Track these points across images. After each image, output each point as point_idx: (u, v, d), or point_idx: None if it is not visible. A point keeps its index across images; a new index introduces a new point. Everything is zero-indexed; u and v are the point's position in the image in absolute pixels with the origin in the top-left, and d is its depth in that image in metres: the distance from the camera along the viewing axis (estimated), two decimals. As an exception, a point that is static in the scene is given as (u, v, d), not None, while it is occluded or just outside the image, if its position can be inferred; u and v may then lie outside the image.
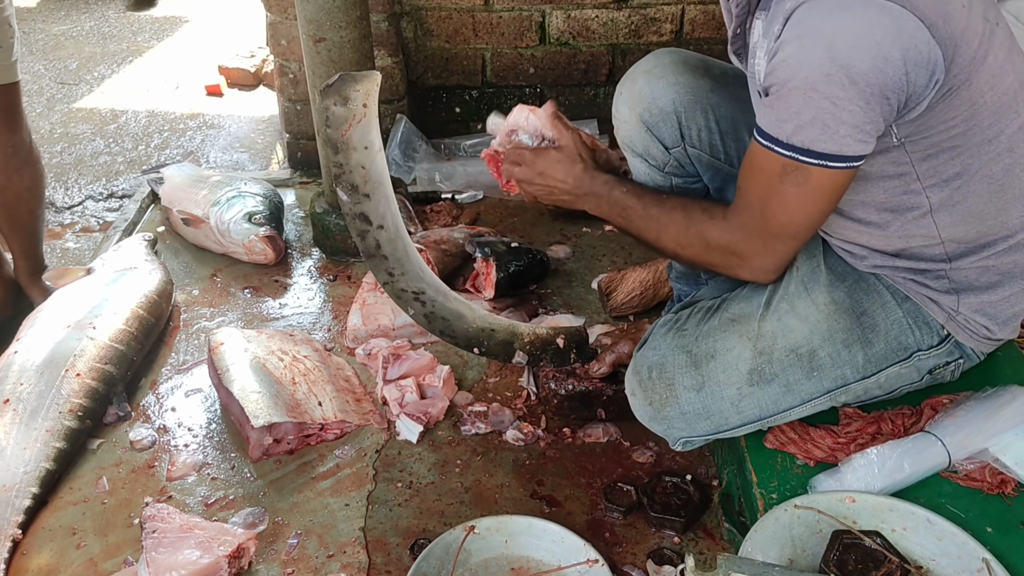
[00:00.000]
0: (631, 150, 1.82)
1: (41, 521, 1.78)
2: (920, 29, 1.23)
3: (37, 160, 2.36)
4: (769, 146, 1.34)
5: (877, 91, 1.24)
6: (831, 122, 1.26)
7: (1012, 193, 1.44)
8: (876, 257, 1.55)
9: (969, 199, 1.43)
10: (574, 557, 1.60)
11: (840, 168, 1.32)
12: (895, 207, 1.46)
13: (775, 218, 1.43)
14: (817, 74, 1.24)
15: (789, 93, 1.28)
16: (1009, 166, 1.41)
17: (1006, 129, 1.38)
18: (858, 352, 1.57)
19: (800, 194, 1.36)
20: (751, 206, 1.46)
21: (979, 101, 1.33)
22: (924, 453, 1.51)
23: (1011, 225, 1.47)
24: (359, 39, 2.35)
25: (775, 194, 1.39)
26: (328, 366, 2.13)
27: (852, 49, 1.22)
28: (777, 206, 1.41)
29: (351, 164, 1.76)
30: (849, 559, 1.34)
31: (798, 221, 1.43)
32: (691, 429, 1.66)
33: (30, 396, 1.92)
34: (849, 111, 1.25)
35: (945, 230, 1.46)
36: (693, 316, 1.69)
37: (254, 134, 3.68)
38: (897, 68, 1.23)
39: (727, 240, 1.51)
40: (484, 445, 1.95)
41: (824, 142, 1.29)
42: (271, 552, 1.70)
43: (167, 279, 2.39)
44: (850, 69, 1.22)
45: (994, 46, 1.33)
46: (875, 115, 1.26)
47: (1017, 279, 1.53)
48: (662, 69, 1.75)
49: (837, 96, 1.24)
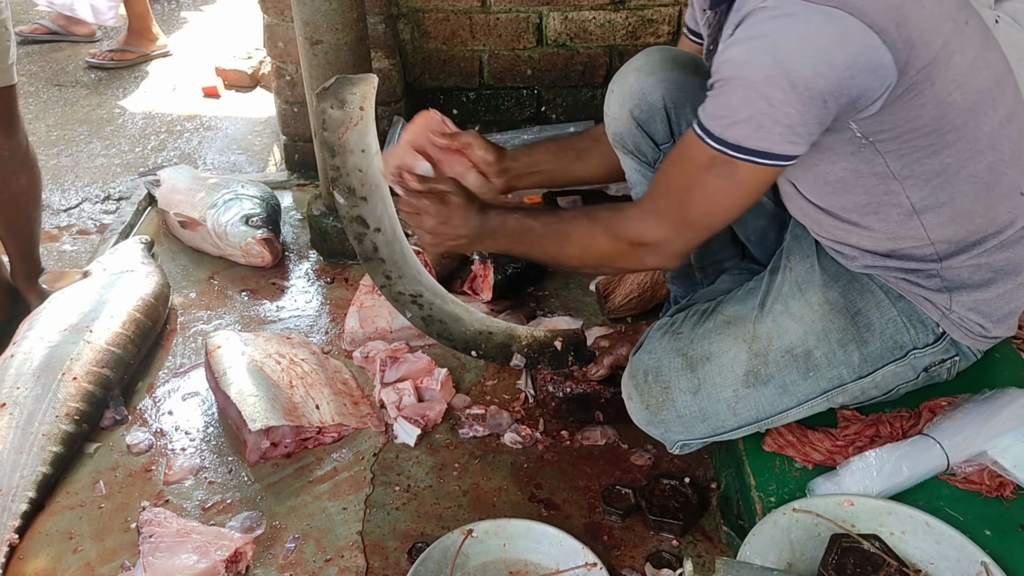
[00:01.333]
0: (622, 147, 1.82)
1: (38, 526, 1.77)
2: (868, 35, 1.25)
3: (34, 163, 2.36)
4: (702, 136, 1.37)
5: (816, 95, 1.26)
6: (765, 121, 1.29)
7: (999, 191, 1.44)
8: (867, 257, 1.55)
9: (956, 199, 1.43)
10: (572, 560, 1.60)
11: (766, 165, 1.34)
12: (877, 208, 1.47)
13: (693, 206, 1.45)
14: (759, 75, 1.27)
15: (731, 90, 1.32)
16: (993, 163, 1.42)
17: (983, 126, 1.39)
18: (854, 352, 1.57)
19: (722, 186, 1.39)
20: (670, 192, 1.48)
21: (947, 100, 1.34)
22: (923, 456, 1.50)
23: (1000, 222, 1.47)
24: (356, 41, 2.34)
25: (698, 184, 1.41)
26: (325, 369, 2.13)
27: (795, 54, 1.25)
28: (699, 195, 1.43)
29: (348, 167, 1.75)
30: (848, 563, 1.34)
31: (715, 212, 1.45)
32: (688, 432, 1.65)
33: (27, 400, 1.92)
34: (784, 112, 1.28)
35: (933, 231, 1.47)
36: (688, 319, 1.69)
37: (251, 136, 3.68)
38: (840, 73, 1.26)
39: (637, 228, 1.52)
40: (482, 448, 1.95)
41: (755, 139, 1.31)
42: (268, 556, 1.70)
43: (164, 282, 2.39)
44: (791, 73, 1.25)
45: (963, 45, 1.34)
46: (809, 118, 1.29)
47: (1011, 276, 1.53)
48: (652, 66, 1.76)
49: (775, 98, 1.27)
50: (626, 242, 1.54)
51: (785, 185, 1.61)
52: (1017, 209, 1.48)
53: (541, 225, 1.64)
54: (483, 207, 1.70)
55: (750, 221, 1.86)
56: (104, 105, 3.89)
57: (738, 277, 1.86)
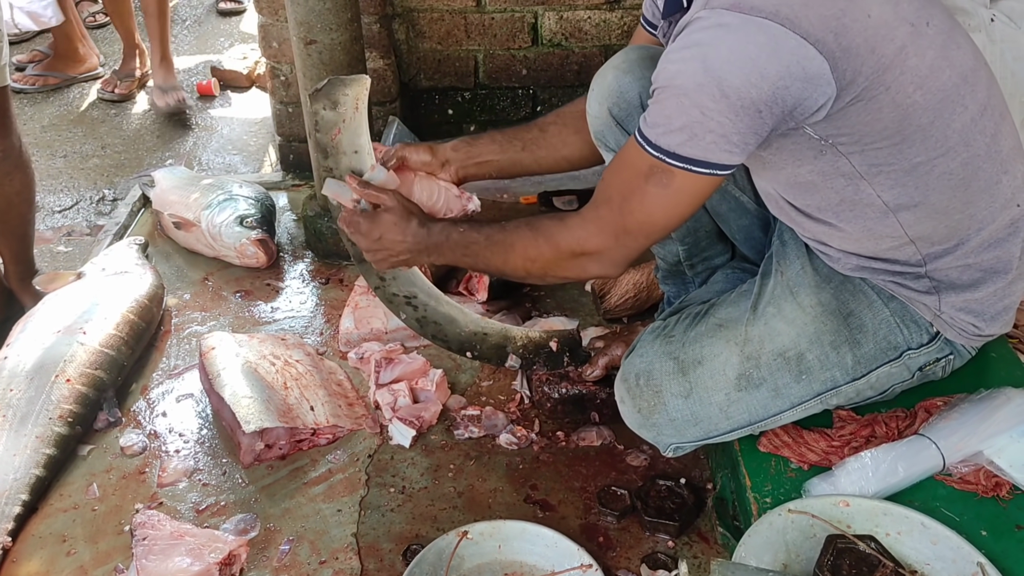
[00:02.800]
0: (603, 144, 1.82)
1: (31, 528, 1.77)
2: (802, 46, 1.25)
3: (27, 164, 2.35)
4: (641, 143, 1.37)
5: (748, 104, 1.27)
6: (698, 130, 1.30)
7: (976, 186, 1.44)
8: (852, 259, 1.55)
9: (931, 197, 1.43)
10: (568, 562, 1.60)
11: (703, 174, 1.34)
12: (851, 207, 1.46)
13: (632, 216, 1.45)
14: (691, 83, 1.28)
15: (666, 98, 1.33)
16: (967, 160, 1.41)
17: (952, 123, 1.38)
18: (847, 354, 1.56)
19: (661, 195, 1.39)
20: (610, 200, 1.48)
21: (906, 102, 1.34)
22: (918, 456, 1.50)
23: (980, 217, 1.47)
24: (350, 41, 2.34)
25: (637, 192, 1.41)
26: (320, 370, 2.12)
27: (726, 63, 1.26)
28: (637, 203, 1.43)
29: (341, 168, 1.75)
30: (843, 564, 1.34)
31: (654, 221, 1.45)
32: (680, 435, 1.65)
33: (20, 402, 1.91)
34: (717, 121, 1.28)
35: (911, 228, 1.46)
36: (681, 322, 1.69)
37: (247, 136, 3.67)
38: (773, 84, 1.26)
39: (578, 237, 1.52)
40: (477, 449, 1.94)
41: (689, 147, 1.32)
42: (263, 559, 1.69)
43: (158, 283, 2.38)
44: (722, 82, 1.26)
45: (921, 47, 1.34)
46: (743, 127, 1.29)
47: (1000, 274, 1.52)
48: (630, 64, 1.76)
49: (707, 106, 1.27)
50: (568, 251, 1.55)
51: (763, 187, 1.61)
52: (997, 203, 1.47)
53: (484, 237, 1.65)
54: (423, 221, 1.71)
55: (733, 220, 1.86)
56: (98, 106, 3.88)
57: (732, 276, 1.86)
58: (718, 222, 1.88)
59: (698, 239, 1.90)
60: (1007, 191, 1.47)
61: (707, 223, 1.89)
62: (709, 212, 1.87)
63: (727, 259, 1.93)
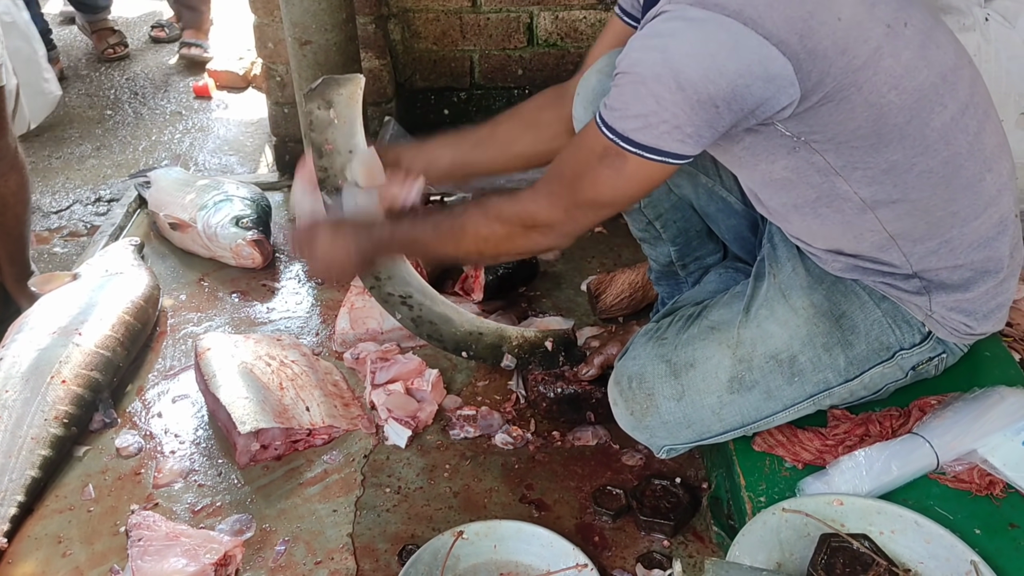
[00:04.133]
0: None
1: (27, 529, 1.76)
2: (764, 46, 1.26)
3: (23, 165, 2.35)
4: (599, 125, 1.38)
5: (705, 99, 1.27)
6: (653, 119, 1.31)
7: (958, 183, 1.43)
8: (840, 259, 1.55)
9: (910, 194, 1.42)
10: (563, 562, 1.60)
11: (655, 161, 1.35)
12: (829, 202, 1.46)
13: (582, 192, 1.47)
14: (649, 72, 1.30)
15: (625, 84, 1.34)
16: (949, 158, 1.41)
17: (931, 123, 1.38)
18: (839, 355, 1.57)
19: (612, 176, 1.41)
20: (562, 175, 1.50)
21: (880, 102, 1.34)
22: (912, 455, 1.50)
23: (963, 215, 1.46)
24: (345, 42, 2.34)
25: (590, 171, 1.43)
26: (316, 371, 2.12)
27: (685, 56, 1.27)
28: (588, 182, 1.45)
29: (335, 168, 1.75)
30: (837, 562, 1.34)
31: (603, 200, 1.47)
32: (673, 438, 1.65)
33: (15, 403, 1.91)
34: (671, 112, 1.29)
35: (890, 224, 1.46)
36: (673, 324, 1.69)
37: (243, 137, 3.67)
38: (731, 81, 1.26)
39: (529, 210, 1.54)
40: (473, 449, 1.94)
41: (643, 134, 1.33)
42: (258, 559, 1.69)
43: (154, 284, 2.38)
44: (679, 74, 1.27)
45: (897, 47, 1.33)
46: (698, 121, 1.30)
47: (991, 274, 1.52)
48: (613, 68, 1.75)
49: (663, 96, 1.28)
50: (519, 224, 1.56)
51: (747, 186, 1.61)
52: (981, 201, 1.46)
53: (432, 227, 1.66)
54: (357, 227, 1.72)
55: (721, 221, 1.86)
56: (95, 107, 3.88)
57: (725, 276, 1.86)
58: (708, 222, 1.88)
59: (689, 239, 1.90)
60: (992, 188, 1.47)
61: (697, 223, 1.89)
62: (699, 213, 1.86)
63: (719, 258, 1.94)
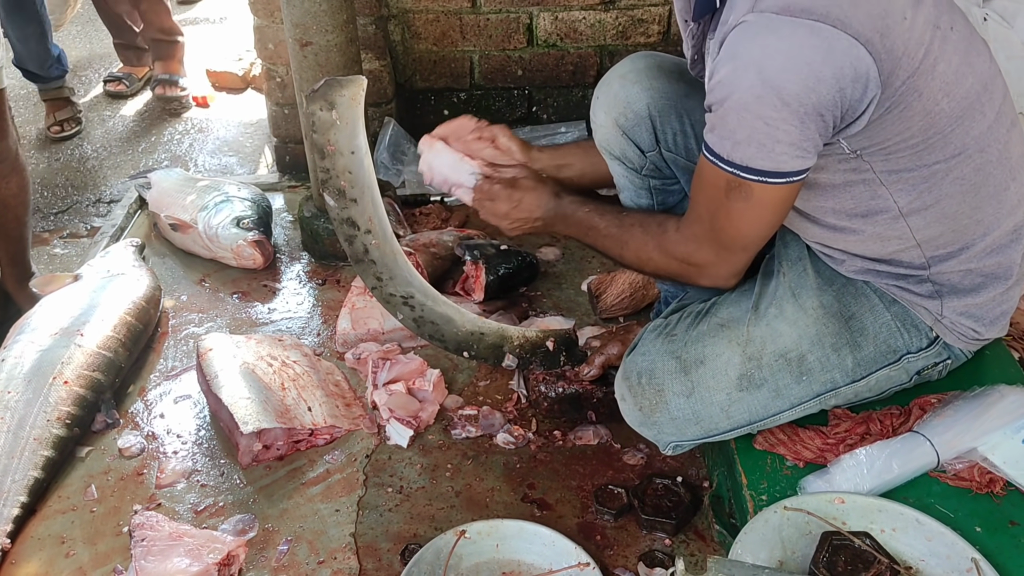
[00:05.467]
0: (609, 153, 1.82)
1: (30, 530, 1.77)
2: (854, 46, 1.24)
3: (23, 167, 2.36)
4: (714, 161, 1.37)
5: (811, 110, 1.26)
6: (766, 141, 1.29)
7: (986, 191, 1.44)
8: (856, 261, 1.55)
9: (942, 201, 1.43)
10: (565, 560, 1.60)
11: (780, 183, 1.34)
12: (865, 212, 1.47)
13: (724, 231, 1.46)
14: (749, 95, 1.27)
15: (726, 112, 1.31)
16: (981, 165, 1.42)
17: (971, 131, 1.38)
18: (847, 356, 1.57)
19: (745, 209, 1.39)
20: (701, 218, 1.49)
21: (934, 110, 1.34)
22: (913, 453, 1.51)
23: (986, 223, 1.47)
24: (346, 43, 2.34)
25: (722, 208, 1.42)
26: (317, 371, 2.13)
27: (782, 71, 1.25)
28: (724, 219, 1.43)
29: (337, 169, 1.75)
30: (839, 560, 1.34)
31: (746, 234, 1.46)
32: (681, 434, 1.66)
33: (18, 404, 1.91)
34: (784, 130, 1.27)
35: (919, 232, 1.47)
36: (683, 321, 1.69)
37: (243, 138, 3.67)
38: (830, 86, 1.25)
39: (682, 251, 1.55)
40: (474, 449, 1.95)
41: (761, 160, 1.31)
42: (261, 559, 1.70)
43: (155, 285, 2.38)
44: (781, 90, 1.25)
45: (947, 52, 1.33)
46: (810, 132, 1.29)
47: (1001, 280, 1.53)
48: (636, 74, 1.76)
49: (770, 116, 1.27)
50: (676, 260, 1.57)
51: None
52: (1004, 209, 1.48)
53: (604, 226, 1.67)
54: (556, 191, 1.74)
55: None
56: (94, 108, 3.88)
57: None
58: None
59: None
60: (1014, 197, 1.48)
61: None
62: None
63: None
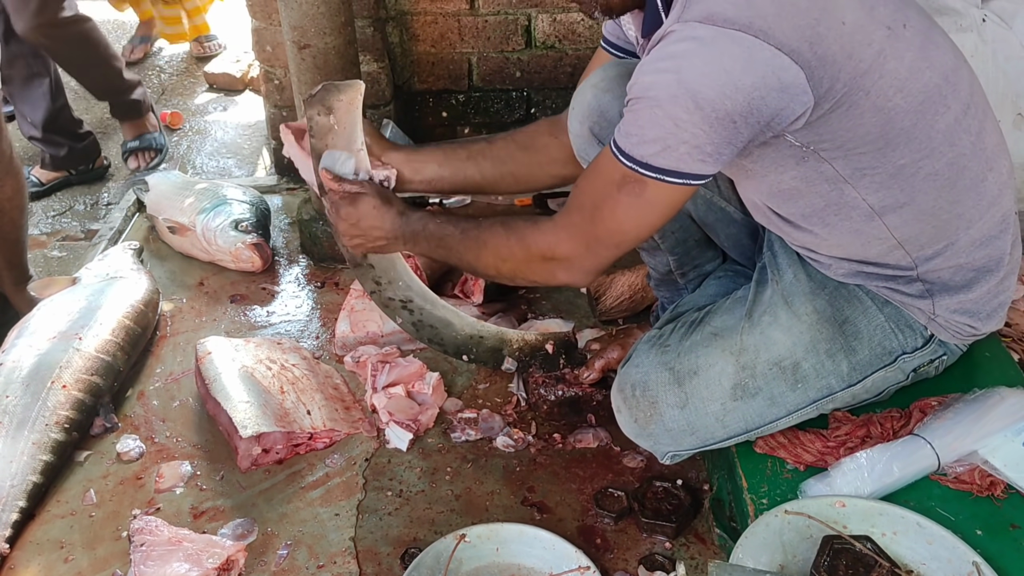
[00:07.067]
0: (586, 162, 1.82)
1: (28, 535, 1.76)
2: (777, 56, 1.25)
3: (19, 170, 2.35)
4: (615, 153, 1.37)
5: (723, 116, 1.27)
6: (671, 141, 1.30)
7: (962, 185, 1.44)
8: (844, 265, 1.55)
9: (917, 198, 1.43)
10: (565, 564, 1.60)
11: (676, 184, 1.34)
12: (836, 212, 1.46)
13: (603, 223, 1.45)
14: (665, 94, 1.28)
15: (640, 109, 1.33)
16: (953, 159, 1.41)
17: (936, 124, 1.38)
18: (842, 361, 1.57)
19: (633, 204, 1.39)
20: (582, 207, 1.48)
21: (887, 106, 1.34)
22: (913, 456, 1.51)
23: (968, 217, 1.47)
24: (344, 45, 2.34)
25: (608, 200, 1.42)
26: (317, 374, 2.12)
27: (700, 76, 1.26)
28: (608, 212, 1.43)
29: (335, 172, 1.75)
30: (840, 564, 1.34)
31: (625, 230, 1.45)
32: (677, 444, 1.66)
33: (16, 408, 1.91)
34: (691, 132, 1.28)
35: (897, 230, 1.46)
36: (676, 331, 1.69)
37: (240, 140, 3.67)
38: (748, 95, 1.26)
39: (549, 242, 1.53)
40: (474, 452, 1.94)
41: (662, 157, 1.32)
42: (261, 563, 1.70)
43: (153, 288, 2.38)
44: (696, 94, 1.26)
45: (899, 49, 1.34)
46: (717, 139, 1.29)
47: (992, 272, 1.52)
48: (608, 82, 1.75)
49: (680, 118, 1.28)
50: (539, 255, 1.55)
51: (748, 196, 1.61)
52: (984, 201, 1.47)
53: (460, 232, 1.65)
54: (403, 210, 1.72)
55: (720, 230, 1.85)
56: (91, 111, 3.88)
57: (724, 280, 1.86)
58: (706, 231, 1.88)
59: (688, 248, 1.89)
60: (993, 188, 1.47)
61: (695, 232, 1.88)
62: (697, 222, 1.86)
63: (718, 264, 1.93)
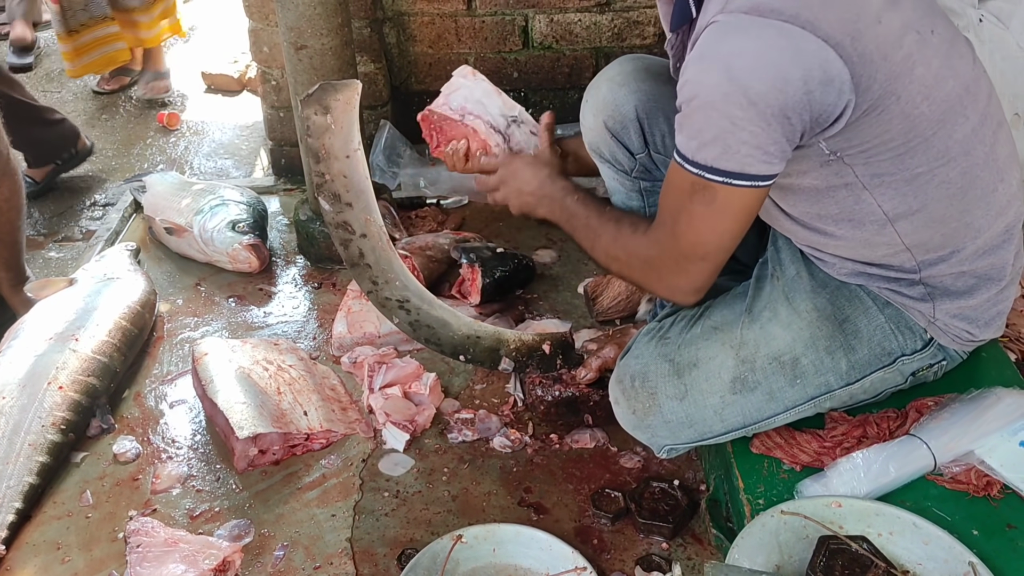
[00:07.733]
0: (599, 156, 1.83)
1: (25, 536, 1.76)
2: (823, 49, 1.24)
3: (15, 171, 2.34)
4: (680, 163, 1.36)
5: (777, 111, 1.25)
6: (731, 141, 1.28)
7: (973, 195, 1.44)
8: (847, 265, 1.55)
9: (929, 205, 1.42)
10: (562, 565, 1.60)
11: (744, 187, 1.32)
12: (850, 218, 1.46)
13: (684, 237, 1.44)
14: (716, 93, 1.26)
15: (693, 112, 1.31)
16: (967, 168, 1.41)
17: (954, 134, 1.38)
18: (841, 359, 1.57)
19: (707, 213, 1.37)
20: (664, 222, 1.47)
21: (914, 113, 1.33)
22: (910, 456, 1.51)
23: (976, 226, 1.47)
24: (341, 46, 2.34)
25: (684, 212, 1.40)
26: (313, 375, 2.12)
27: (750, 70, 1.24)
28: (686, 224, 1.42)
29: (333, 173, 1.75)
30: (836, 564, 1.34)
31: (706, 240, 1.43)
32: (675, 437, 1.66)
33: (12, 410, 1.91)
34: (749, 131, 1.26)
35: (907, 236, 1.46)
36: (676, 324, 1.69)
37: (238, 141, 3.67)
38: (797, 88, 1.24)
39: (645, 255, 1.54)
40: (471, 453, 1.94)
41: (725, 160, 1.30)
42: (257, 565, 1.69)
43: (150, 289, 2.37)
44: (748, 90, 1.24)
45: (926, 56, 1.33)
46: (776, 135, 1.27)
47: (994, 281, 1.52)
48: (624, 76, 1.76)
49: (736, 116, 1.25)
50: (639, 265, 1.57)
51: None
52: (993, 211, 1.47)
53: (585, 216, 1.66)
54: (553, 174, 1.74)
55: None
56: (88, 112, 3.88)
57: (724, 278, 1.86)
58: None
59: None
60: (1003, 199, 1.47)
61: None
62: None
63: None
